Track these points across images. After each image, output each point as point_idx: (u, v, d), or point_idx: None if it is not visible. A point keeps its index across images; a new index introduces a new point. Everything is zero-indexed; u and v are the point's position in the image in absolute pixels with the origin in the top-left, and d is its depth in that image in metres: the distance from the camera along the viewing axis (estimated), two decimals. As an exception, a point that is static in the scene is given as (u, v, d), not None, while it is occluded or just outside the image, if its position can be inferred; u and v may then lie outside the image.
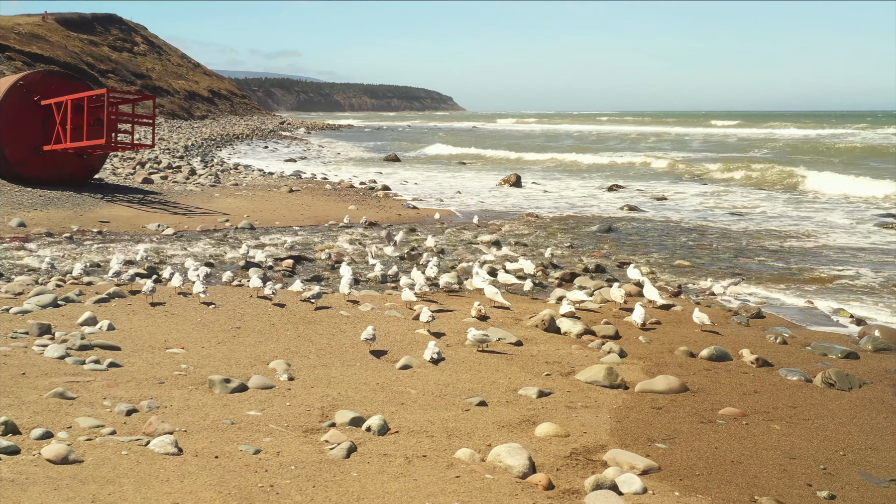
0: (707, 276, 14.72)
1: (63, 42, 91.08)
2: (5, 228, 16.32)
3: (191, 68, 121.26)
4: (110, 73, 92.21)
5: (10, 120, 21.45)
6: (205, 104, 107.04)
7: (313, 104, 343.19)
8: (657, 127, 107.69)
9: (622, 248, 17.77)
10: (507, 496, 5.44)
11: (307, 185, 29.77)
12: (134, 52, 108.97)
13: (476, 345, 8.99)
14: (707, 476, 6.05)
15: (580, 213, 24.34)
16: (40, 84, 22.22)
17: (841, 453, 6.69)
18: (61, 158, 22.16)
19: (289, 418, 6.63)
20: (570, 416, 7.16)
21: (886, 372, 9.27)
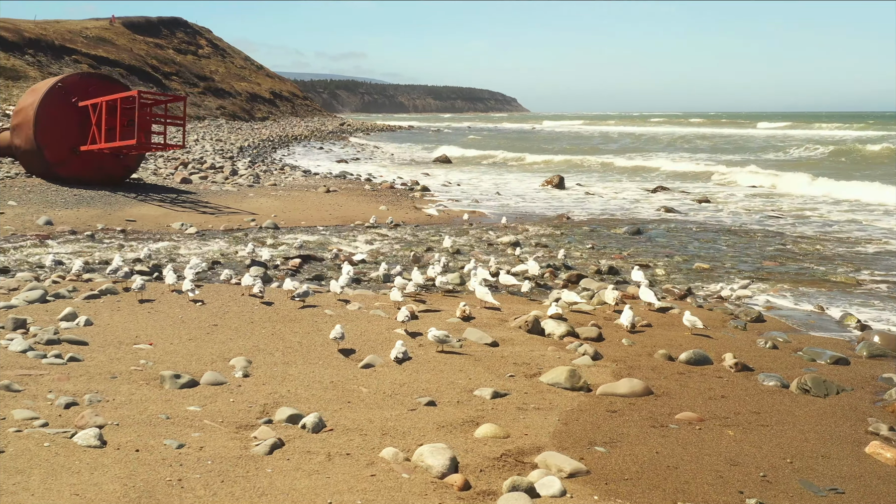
0: (723, 279, 14.46)
1: (129, 45, 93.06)
2: (32, 226, 16.76)
3: (253, 70, 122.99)
4: (174, 76, 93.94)
5: (49, 121, 22.03)
6: (266, 106, 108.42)
7: (377, 106, 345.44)
8: (718, 129, 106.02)
9: (645, 251, 17.56)
10: (415, 496, 5.42)
11: (347, 185, 29.99)
12: (198, 54, 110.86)
13: (436, 345, 8.96)
14: (635, 481, 5.95)
15: (615, 215, 24.15)
16: (78, 86, 22.77)
17: (788, 461, 6.52)
18: (98, 159, 22.69)
19: (227, 414, 6.69)
20: (518, 417, 7.10)
21: (873, 379, 9.02)
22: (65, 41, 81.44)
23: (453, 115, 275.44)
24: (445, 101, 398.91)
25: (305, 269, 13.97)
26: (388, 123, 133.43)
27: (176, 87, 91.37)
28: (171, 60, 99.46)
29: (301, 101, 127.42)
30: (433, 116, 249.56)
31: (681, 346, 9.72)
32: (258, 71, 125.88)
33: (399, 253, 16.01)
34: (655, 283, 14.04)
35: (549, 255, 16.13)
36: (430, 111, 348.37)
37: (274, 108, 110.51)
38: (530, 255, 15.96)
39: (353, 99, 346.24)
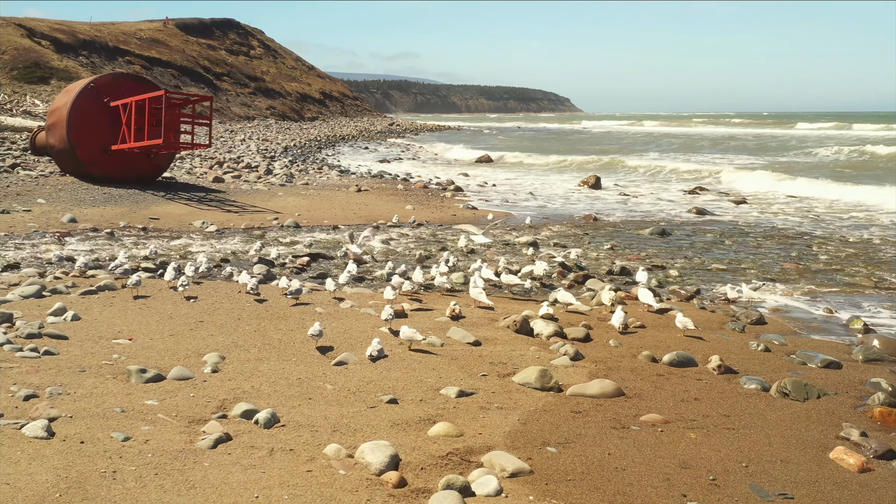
0: (738, 281, 14.25)
1: (181, 46, 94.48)
2: (56, 223, 17.13)
3: (304, 71, 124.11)
4: (225, 77, 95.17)
5: (82, 121, 22.49)
6: (316, 106, 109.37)
7: (430, 106, 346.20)
8: (773, 129, 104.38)
9: (665, 252, 17.39)
10: (345, 492, 5.45)
11: (381, 184, 30.15)
12: (250, 55, 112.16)
13: (408, 343, 8.98)
14: (577, 482, 5.91)
15: (645, 215, 23.97)
16: (110, 86, 23.21)
17: (744, 465, 6.42)
18: (129, 158, 23.10)
19: (184, 409, 6.78)
20: (478, 416, 7.09)
21: (861, 383, 8.84)
22: (118, 42, 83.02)
23: (504, 115, 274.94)
24: (498, 102, 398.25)
25: (313, 267, 14.06)
26: (437, 124, 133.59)
27: (227, 88, 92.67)
28: (222, 61, 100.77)
29: (351, 102, 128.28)
30: (484, 117, 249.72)
31: (669, 348, 9.62)
32: (309, 71, 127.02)
33: (413, 252, 16.04)
34: (666, 284, 13.92)
35: (561, 256, 16.03)
36: (483, 111, 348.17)
37: (323, 109, 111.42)
38: (546, 256, 15.89)
39: (405, 99, 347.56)
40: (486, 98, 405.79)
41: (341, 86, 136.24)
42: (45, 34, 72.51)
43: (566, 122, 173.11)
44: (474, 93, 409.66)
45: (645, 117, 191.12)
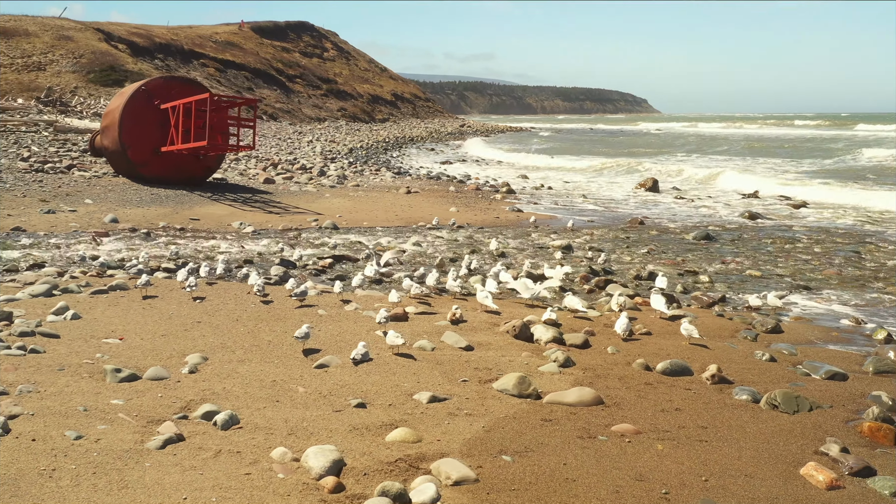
0: (770, 288, 13.91)
1: (256, 49, 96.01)
2: (97, 223, 17.57)
3: (377, 73, 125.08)
4: (298, 79, 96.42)
5: (133, 123, 23.05)
6: (387, 107, 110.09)
7: (505, 107, 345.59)
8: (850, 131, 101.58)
9: (703, 256, 17.08)
10: (277, 495, 5.46)
11: (433, 186, 30.23)
12: (323, 57, 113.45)
13: (393, 347, 8.96)
14: (521, 492, 5.82)
15: (694, 219, 23.58)
16: (161, 88, 23.73)
17: (704, 479, 6.25)
18: (179, 159, 23.58)
19: (147, 409, 6.88)
20: (442, 423, 7.04)
21: (863, 396, 8.54)
22: (194, 45, 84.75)
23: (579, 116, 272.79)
24: (574, 103, 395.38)
25: (335, 269, 14.14)
26: (508, 125, 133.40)
27: (299, 90, 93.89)
28: (295, 63, 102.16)
29: (423, 103, 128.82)
30: (558, 118, 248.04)
31: (669, 356, 9.42)
32: (382, 73, 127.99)
33: (443, 255, 16.01)
34: (693, 289, 13.65)
35: (587, 260, 15.85)
36: (558, 112, 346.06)
37: (395, 110, 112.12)
38: (576, 259, 15.75)
39: (480, 100, 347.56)
40: (562, 99, 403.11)
41: (413, 87, 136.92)
42: (122, 38, 74.49)
43: (640, 123, 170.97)
44: (550, 94, 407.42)
45: (722, 118, 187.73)
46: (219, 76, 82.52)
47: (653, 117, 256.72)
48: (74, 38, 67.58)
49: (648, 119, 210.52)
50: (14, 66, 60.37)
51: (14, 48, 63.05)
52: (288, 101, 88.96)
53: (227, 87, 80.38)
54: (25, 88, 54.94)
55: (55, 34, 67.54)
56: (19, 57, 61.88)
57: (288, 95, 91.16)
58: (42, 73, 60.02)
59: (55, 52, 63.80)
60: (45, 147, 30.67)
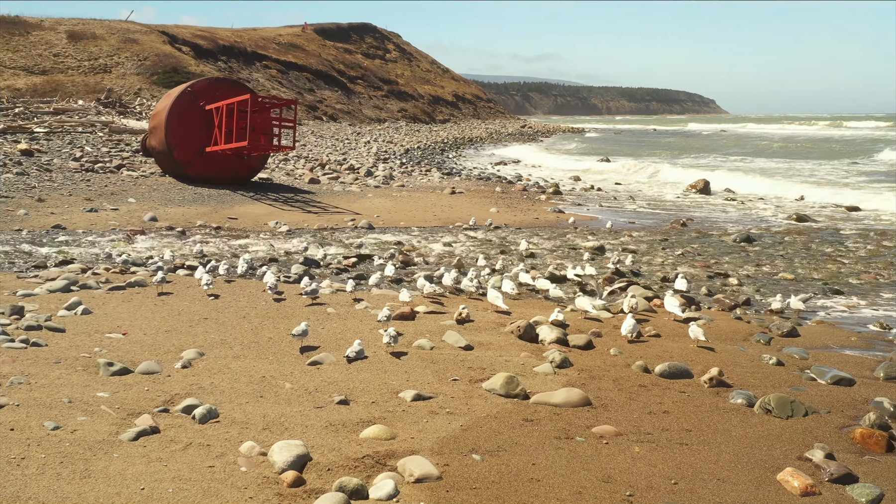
0: (800, 291, 13.67)
1: (318, 51, 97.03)
2: (136, 222, 17.98)
3: (438, 74, 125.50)
4: (359, 80, 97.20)
5: (179, 124, 23.54)
6: (448, 108, 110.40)
7: (570, 108, 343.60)
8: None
9: (738, 259, 16.84)
10: (233, 488, 5.56)
11: (480, 186, 30.28)
12: (385, 58, 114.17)
13: (388, 346, 9.01)
14: (481, 491, 5.83)
15: (739, 221, 23.26)
16: (207, 90, 24.19)
17: (673, 482, 6.19)
18: (224, 159, 24.01)
19: (131, 402, 7.05)
20: (421, 421, 7.08)
21: (866, 402, 8.35)
22: (257, 48, 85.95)
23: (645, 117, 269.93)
24: (640, 104, 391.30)
25: (359, 268, 14.26)
26: (570, 126, 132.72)
27: (360, 91, 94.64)
28: (357, 65, 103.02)
29: (484, 104, 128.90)
30: (623, 119, 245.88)
31: (672, 359, 9.33)
32: (443, 74, 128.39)
33: (472, 254, 16.04)
34: (718, 292, 13.49)
35: (616, 262, 15.73)
36: (624, 113, 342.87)
37: (456, 111, 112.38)
38: (602, 261, 15.70)
39: (545, 101, 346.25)
40: (628, 100, 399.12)
41: (475, 88, 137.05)
42: (186, 40, 75.94)
43: (706, 123, 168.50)
44: (615, 94, 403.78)
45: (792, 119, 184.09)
46: (280, 77, 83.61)
47: (720, 118, 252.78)
48: (140, 41, 69.11)
49: (715, 120, 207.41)
50: (81, 68, 62.00)
51: (81, 51, 64.72)
52: (349, 102, 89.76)
53: (289, 88, 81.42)
54: (91, 90, 56.38)
55: (121, 37, 69.14)
56: (86, 59, 63.49)
57: (349, 96, 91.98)
58: (108, 75, 61.50)
59: (121, 55, 65.32)
60: (98, 147, 31.46)
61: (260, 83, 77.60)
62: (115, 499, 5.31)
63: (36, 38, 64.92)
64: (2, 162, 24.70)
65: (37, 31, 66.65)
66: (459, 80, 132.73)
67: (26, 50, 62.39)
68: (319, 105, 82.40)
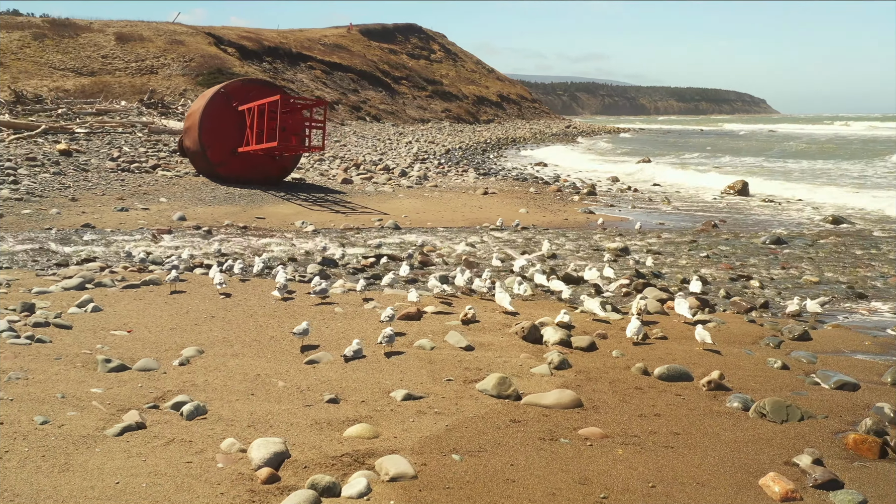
0: (823, 294, 13.51)
1: (363, 51, 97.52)
2: (165, 221, 18.28)
3: (483, 74, 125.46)
4: (403, 80, 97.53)
5: (212, 124, 23.89)
6: (492, 108, 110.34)
7: (617, 108, 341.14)
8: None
9: (766, 261, 16.66)
10: (206, 483, 5.65)
11: (514, 186, 30.29)
12: (430, 59, 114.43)
13: (385, 345, 9.07)
14: (454, 491, 5.86)
15: (772, 223, 22.99)
16: (240, 91, 24.50)
17: (651, 485, 6.17)
18: (256, 159, 24.30)
19: (123, 398, 7.19)
20: (407, 420, 7.13)
21: (867, 408, 8.24)
22: (302, 48, 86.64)
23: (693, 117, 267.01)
24: (689, 103, 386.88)
25: (376, 268, 14.35)
26: (616, 126, 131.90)
27: (404, 91, 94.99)
28: (402, 65, 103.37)
29: (529, 104, 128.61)
30: (671, 119, 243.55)
31: (674, 361, 9.28)
32: (488, 74, 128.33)
33: (493, 255, 16.05)
34: (738, 294, 13.39)
35: (656, 263, 15.67)
36: (672, 113, 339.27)
37: (500, 111, 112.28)
38: (624, 262, 15.65)
39: (592, 101, 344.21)
40: (676, 100, 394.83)
41: (520, 88, 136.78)
42: (231, 42, 76.80)
43: (756, 124, 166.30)
44: (663, 94, 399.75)
45: (844, 119, 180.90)
46: (325, 78, 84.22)
47: (770, 118, 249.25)
48: (185, 43, 70.07)
49: (764, 120, 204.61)
50: (128, 69, 63.04)
51: (129, 52, 65.79)
52: (392, 103, 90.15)
53: (333, 88, 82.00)
54: (137, 91, 57.31)
55: (168, 39, 70.16)
56: (133, 61, 64.54)
57: (393, 97, 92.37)
58: (154, 77, 62.44)
59: (167, 56, 66.28)
60: (136, 147, 32.02)
61: (304, 84, 78.27)
62: (88, 492, 5.44)
63: (85, 40, 66.12)
64: (40, 162, 25.26)
65: (86, 33, 67.88)
66: (504, 81, 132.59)
67: (75, 52, 63.57)
68: (363, 105, 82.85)
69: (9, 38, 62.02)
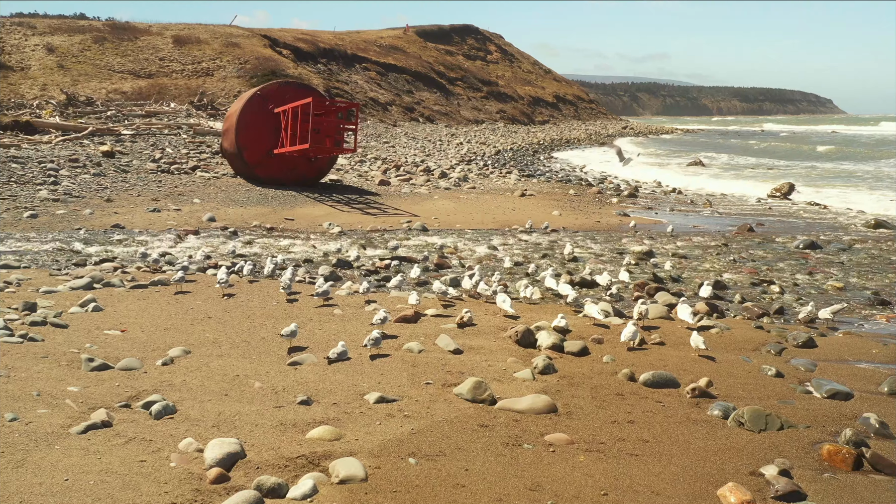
0: (847, 301, 13.27)
1: (418, 52, 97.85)
2: (194, 221, 18.59)
3: (540, 75, 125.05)
4: (458, 81, 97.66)
5: (248, 126, 24.25)
6: (548, 109, 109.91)
7: (679, 108, 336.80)
8: None
9: (794, 266, 16.40)
10: (154, 482, 5.76)
11: (553, 188, 30.20)
12: (486, 60, 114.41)
13: (371, 347, 9.12)
14: (401, 494, 5.89)
15: (810, 226, 22.59)
16: (276, 93, 24.84)
17: (603, 493, 6.13)
18: (292, 161, 24.60)
19: (97, 396, 7.36)
20: (374, 423, 7.17)
21: (855, 418, 8.08)
22: (357, 50, 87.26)
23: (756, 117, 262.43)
24: (752, 104, 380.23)
25: (391, 270, 14.42)
26: (674, 127, 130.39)
27: (458, 92, 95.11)
28: (457, 66, 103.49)
29: (585, 105, 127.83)
30: (726, 120, 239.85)
31: (666, 368, 9.21)
32: (545, 75, 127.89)
33: (514, 258, 16.03)
34: (756, 300, 13.23)
35: (678, 266, 15.55)
36: (735, 114, 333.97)
37: (556, 112, 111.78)
38: (645, 266, 15.56)
39: (653, 102, 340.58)
40: (739, 100, 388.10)
41: (576, 89, 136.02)
42: (287, 44, 77.69)
43: (819, 124, 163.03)
44: (726, 94, 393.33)
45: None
46: (379, 79, 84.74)
47: (836, 119, 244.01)
48: (241, 45, 71.07)
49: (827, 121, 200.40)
50: (185, 71, 64.19)
51: (186, 55, 66.97)
52: (447, 104, 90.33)
53: (387, 90, 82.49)
54: (192, 93, 58.31)
55: (224, 41, 71.23)
56: (190, 63, 65.68)
57: (447, 98, 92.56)
58: (209, 79, 63.48)
59: (222, 59, 67.31)
60: (179, 149, 32.60)
61: (358, 85, 78.86)
62: (36, 488, 5.58)
63: (144, 43, 67.49)
64: (82, 163, 25.89)
65: (145, 36, 69.30)
66: (561, 81, 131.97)
67: (134, 54, 64.95)
68: (416, 107, 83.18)
69: (70, 41, 63.61)
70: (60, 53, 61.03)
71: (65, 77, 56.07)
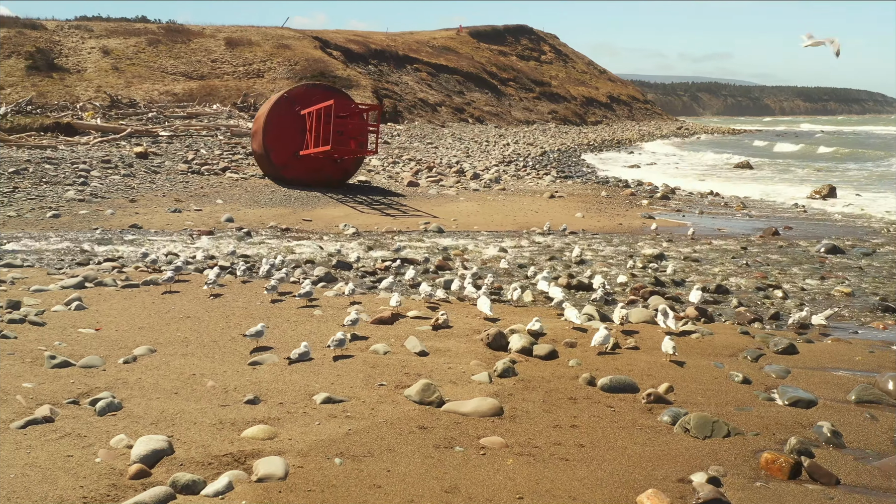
0: (851, 307, 13.10)
1: (471, 53, 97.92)
2: (212, 222, 18.95)
3: (594, 75, 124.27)
4: (511, 81, 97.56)
5: (275, 128, 24.62)
6: (601, 109, 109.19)
7: (741, 108, 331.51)
8: None
9: (807, 271, 16.18)
10: (75, 476, 5.94)
11: (586, 190, 30.10)
12: (540, 60, 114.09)
13: (333, 349, 9.23)
14: (316, 493, 5.99)
15: (842, 231, 22.18)
16: (303, 96, 25.19)
17: (519, 497, 6.16)
18: (317, 162, 24.92)
19: (49, 392, 7.59)
20: (312, 423, 7.29)
21: (809, 426, 7.98)
22: (409, 51, 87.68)
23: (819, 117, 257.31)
24: (816, 104, 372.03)
25: (391, 271, 14.54)
26: (732, 127, 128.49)
27: (510, 93, 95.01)
28: (510, 67, 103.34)
29: (640, 105, 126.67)
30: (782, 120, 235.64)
31: (631, 373, 9.18)
32: (600, 75, 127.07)
33: (520, 260, 16.06)
34: (752, 304, 13.10)
35: (690, 269, 15.44)
36: (798, 114, 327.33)
37: (609, 112, 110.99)
38: (647, 271, 15.50)
39: (714, 102, 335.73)
40: (803, 100, 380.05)
41: (632, 89, 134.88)
42: (338, 45, 78.44)
43: (883, 125, 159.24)
44: (789, 94, 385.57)
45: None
46: (430, 80, 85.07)
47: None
48: (292, 47, 71.93)
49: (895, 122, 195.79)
50: (236, 73, 65.19)
51: (237, 57, 68.01)
52: (498, 105, 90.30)
53: (437, 90, 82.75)
54: (241, 95, 59.15)
55: (275, 43, 72.16)
56: (241, 65, 66.68)
57: (499, 98, 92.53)
58: (260, 80, 64.38)
59: (273, 60, 68.22)
60: (212, 150, 33.16)
61: (408, 86, 79.28)
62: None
63: (196, 45, 68.70)
64: (114, 164, 26.51)
65: (198, 38, 70.53)
66: (616, 81, 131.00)
67: (186, 56, 66.16)
68: (466, 107, 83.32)
69: (125, 44, 65.05)
70: (115, 56, 62.46)
71: (119, 79, 57.36)
